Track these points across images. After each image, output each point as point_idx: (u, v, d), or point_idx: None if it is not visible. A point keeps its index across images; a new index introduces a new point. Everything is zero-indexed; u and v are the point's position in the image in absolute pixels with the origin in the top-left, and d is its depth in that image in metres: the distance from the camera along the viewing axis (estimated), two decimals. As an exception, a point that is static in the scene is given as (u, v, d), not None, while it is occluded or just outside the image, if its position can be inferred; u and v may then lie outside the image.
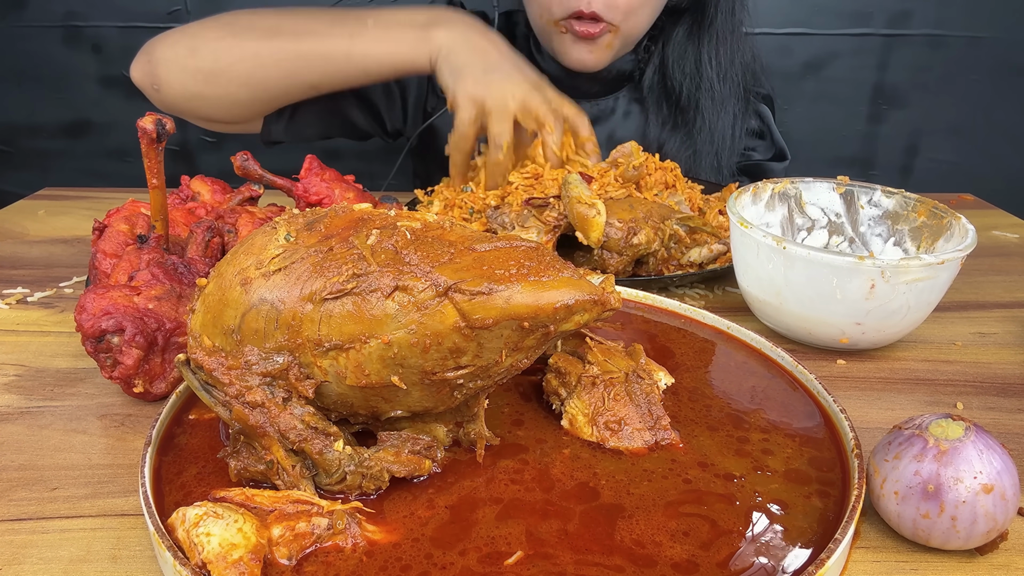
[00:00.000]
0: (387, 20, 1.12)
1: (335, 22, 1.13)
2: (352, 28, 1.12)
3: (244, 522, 0.48)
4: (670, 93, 1.30)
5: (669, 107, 1.30)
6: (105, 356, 0.67)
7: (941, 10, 1.87)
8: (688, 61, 1.28)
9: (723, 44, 1.27)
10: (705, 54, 1.27)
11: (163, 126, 0.69)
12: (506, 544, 0.50)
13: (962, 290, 0.98)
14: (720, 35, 1.27)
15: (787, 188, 0.93)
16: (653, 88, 1.31)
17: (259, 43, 1.13)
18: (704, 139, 1.30)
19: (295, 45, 1.13)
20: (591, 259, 0.94)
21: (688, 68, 1.28)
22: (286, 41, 1.13)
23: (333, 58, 1.13)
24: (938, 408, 0.73)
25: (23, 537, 0.55)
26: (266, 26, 1.14)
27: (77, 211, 1.23)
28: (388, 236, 0.53)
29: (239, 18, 1.16)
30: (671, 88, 1.29)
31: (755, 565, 0.49)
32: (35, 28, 1.85)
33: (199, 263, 0.74)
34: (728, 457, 0.60)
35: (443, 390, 0.53)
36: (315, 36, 1.13)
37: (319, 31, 1.13)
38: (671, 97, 1.30)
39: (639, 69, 1.33)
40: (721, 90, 1.28)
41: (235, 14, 1.17)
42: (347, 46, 1.12)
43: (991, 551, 0.54)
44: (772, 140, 1.38)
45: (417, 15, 1.12)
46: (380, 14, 1.13)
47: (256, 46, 1.13)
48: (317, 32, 1.13)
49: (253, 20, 1.15)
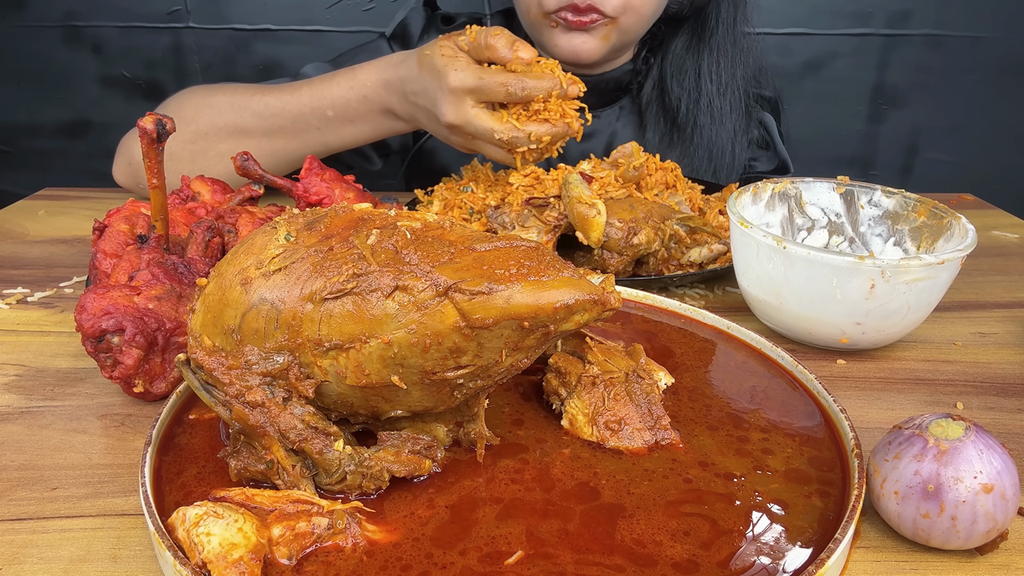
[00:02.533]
0: (343, 109, 1.11)
1: (297, 117, 1.13)
2: (316, 120, 1.13)
3: (244, 522, 0.48)
4: (668, 108, 1.28)
5: (667, 121, 1.29)
6: (105, 356, 0.67)
7: (941, 10, 1.87)
8: (687, 75, 1.26)
9: (724, 56, 1.25)
10: (705, 67, 1.25)
11: (163, 126, 0.69)
12: (506, 544, 0.50)
13: (962, 290, 0.98)
14: (720, 48, 1.25)
15: (787, 188, 0.93)
16: (651, 102, 1.29)
17: (231, 143, 1.14)
18: (702, 155, 1.28)
19: (269, 143, 1.14)
20: (591, 259, 0.94)
21: (687, 83, 1.26)
22: (259, 140, 1.14)
23: (311, 148, 1.15)
24: (938, 408, 0.73)
25: (23, 537, 0.55)
26: (231, 125, 1.15)
27: (77, 211, 1.23)
28: (388, 236, 0.53)
29: (199, 112, 1.16)
30: (669, 104, 1.28)
31: (755, 565, 0.49)
32: (35, 28, 1.85)
33: (199, 263, 0.74)
34: (728, 457, 0.60)
35: (443, 390, 0.53)
36: (285, 134, 1.14)
37: (286, 128, 1.14)
38: (668, 112, 1.28)
39: (637, 82, 1.31)
40: (720, 105, 1.26)
41: (195, 106, 1.17)
42: (320, 137, 1.14)
43: (991, 551, 0.54)
44: (775, 151, 1.36)
45: (369, 104, 1.10)
46: (332, 101, 1.11)
47: (228, 147, 1.14)
48: (285, 129, 1.14)
49: (214, 117, 1.15)
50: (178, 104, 1.18)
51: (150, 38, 1.87)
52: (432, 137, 1.32)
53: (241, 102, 1.15)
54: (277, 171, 1.17)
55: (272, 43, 1.88)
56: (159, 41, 1.88)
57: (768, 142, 1.36)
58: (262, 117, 1.14)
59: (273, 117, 1.14)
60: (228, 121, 1.15)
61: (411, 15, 1.33)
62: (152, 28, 1.86)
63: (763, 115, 1.35)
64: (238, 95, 1.16)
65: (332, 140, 1.15)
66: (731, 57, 1.26)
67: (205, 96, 1.18)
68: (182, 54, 1.89)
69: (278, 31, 1.88)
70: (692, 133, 1.27)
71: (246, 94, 1.16)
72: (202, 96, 1.18)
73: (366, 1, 1.86)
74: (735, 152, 1.29)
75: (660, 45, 1.29)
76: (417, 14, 1.33)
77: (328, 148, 1.16)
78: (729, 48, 1.26)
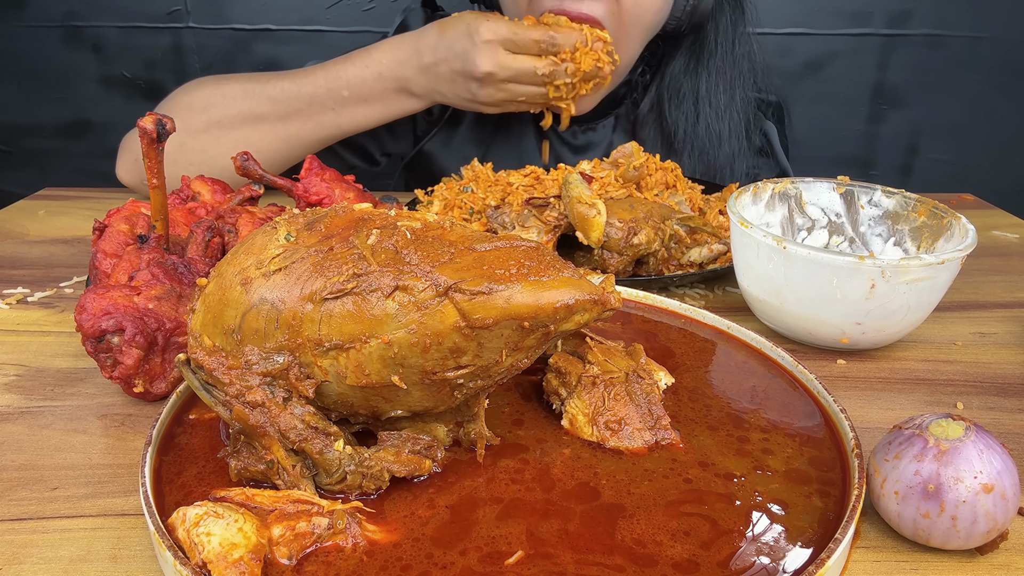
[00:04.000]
0: (358, 88, 1.12)
1: (312, 99, 1.14)
2: (331, 102, 1.13)
3: (244, 522, 0.48)
4: (665, 131, 1.27)
5: (664, 145, 1.28)
6: (105, 356, 0.67)
7: (941, 10, 1.87)
8: (685, 98, 1.25)
9: (722, 78, 1.24)
10: (703, 90, 1.24)
11: (163, 126, 0.69)
12: (506, 544, 0.50)
13: (962, 290, 0.98)
14: (719, 70, 1.23)
15: (787, 188, 0.93)
16: (648, 124, 1.28)
17: (245, 131, 1.14)
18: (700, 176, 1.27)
19: (284, 128, 1.14)
20: (591, 259, 0.94)
21: (684, 106, 1.25)
22: (274, 124, 1.14)
23: (325, 131, 1.15)
24: (938, 408, 0.73)
25: (23, 537, 0.55)
26: (246, 112, 1.15)
27: (77, 211, 1.23)
28: (388, 236, 0.53)
29: (211, 100, 1.16)
30: (666, 127, 1.27)
31: (755, 565, 0.49)
32: (35, 28, 1.85)
33: (199, 263, 0.74)
34: (728, 457, 0.60)
35: (443, 390, 0.53)
36: (301, 116, 1.14)
37: (302, 110, 1.14)
38: (666, 135, 1.27)
39: (631, 98, 1.30)
40: (719, 129, 1.25)
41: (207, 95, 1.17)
42: (335, 119, 1.14)
43: (991, 551, 0.54)
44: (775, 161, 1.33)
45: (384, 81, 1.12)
46: (348, 81, 1.13)
47: (243, 134, 1.14)
48: (301, 111, 1.14)
49: (228, 105, 1.15)
50: (187, 95, 1.18)
51: (150, 38, 1.87)
52: (431, 140, 1.32)
53: (254, 88, 1.15)
54: (289, 158, 1.18)
55: (272, 43, 1.88)
56: (159, 41, 1.88)
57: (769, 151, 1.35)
58: (277, 101, 1.14)
59: (288, 100, 1.14)
60: (242, 108, 1.15)
61: (411, 16, 1.33)
62: (152, 28, 1.86)
63: (765, 124, 1.33)
64: (251, 82, 1.17)
65: (346, 122, 1.15)
66: (730, 78, 1.25)
67: (216, 85, 1.18)
68: (182, 54, 1.89)
69: (278, 31, 1.88)
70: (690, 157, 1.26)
71: (259, 81, 1.16)
72: (213, 85, 1.18)
73: (366, 1, 1.86)
74: (734, 175, 1.29)
75: (658, 64, 1.28)
76: (417, 15, 1.33)
77: (342, 131, 1.16)
78: (728, 70, 1.24)
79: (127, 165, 1.21)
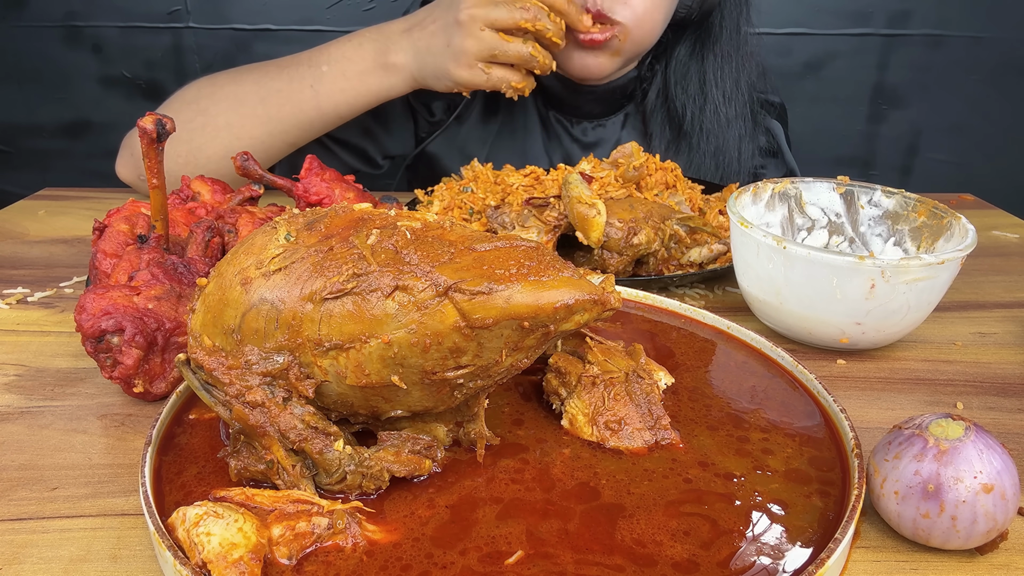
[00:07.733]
0: (339, 61, 1.13)
1: (293, 77, 1.14)
2: (311, 78, 1.13)
3: (244, 522, 0.48)
4: (673, 116, 1.27)
5: (672, 129, 1.28)
6: (105, 356, 0.67)
7: (941, 10, 1.87)
8: (692, 82, 1.25)
9: (728, 62, 1.24)
10: (710, 73, 1.24)
11: (163, 126, 0.69)
12: (506, 544, 0.50)
13: (962, 290, 0.98)
14: (725, 53, 1.24)
15: (787, 188, 0.93)
16: (655, 110, 1.28)
17: (228, 117, 1.15)
18: (708, 162, 1.27)
19: (264, 109, 1.14)
20: (591, 259, 0.94)
21: (692, 89, 1.25)
22: (254, 108, 1.14)
23: (304, 112, 1.15)
24: (938, 408, 0.73)
25: (23, 537, 0.55)
26: (231, 96, 1.16)
27: (77, 211, 1.23)
28: (388, 236, 0.53)
29: (201, 91, 1.17)
30: (674, 111, 1.27)
31: (755, 565, 0.49)
32: (35, 28, 1.85)
33: (199, 263, 0.74)
34: (728, 457, 0.60)
35: (443, 390, 0.53)
36: (279, 95, 1.14)
37: (281, 89, 1.14)
38: (674, 120, 1.27)
39: (641, 89, 1.30)
40: (726, 111, 1.25)
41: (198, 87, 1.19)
42: (313, 98, 1.14)
43: (991, 551, 0.54)
44: (783, 159, 1.34)
45: (364, 51, 1.13)
46: (330, 55, 1.14)
47: (226, 120, 1.14)
48: (280, 91, 1.14)
49: (215, 92, 1.16)
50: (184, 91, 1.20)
51: (150, 38, 1.88)
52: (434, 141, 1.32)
53: (243, 74, 1.17)
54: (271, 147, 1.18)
55: (272, 43, 1.88)
56: (159, 41, 1.88)
57: (775, 150, 1.34)
58: (259, 84, 1.15)
59: (270, 82, 1.15)
60: (227, 93, 1.16)
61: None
62: (152, 28, 1.87)
63: (770, 122, 1.34)
64: (243, 70, 1.18)
65: (325, 103, 1.14)
66: (735, 63, 1.25)
67: (211, 78, 1.20)
68: (182, 54, 1.89)
69: (278, 31, 1.88)
70: (699, 140, 1.26)
71: (250, 67, 1.18)
72: (208, 78, 1.20)
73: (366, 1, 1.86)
74: (741, 158, 1.28)
75: (664, 52, 1.28)
76: None
77: (320, 112, 1.15)
78: (733, 54, 1.25)
79: (125, 161, 1.21)
